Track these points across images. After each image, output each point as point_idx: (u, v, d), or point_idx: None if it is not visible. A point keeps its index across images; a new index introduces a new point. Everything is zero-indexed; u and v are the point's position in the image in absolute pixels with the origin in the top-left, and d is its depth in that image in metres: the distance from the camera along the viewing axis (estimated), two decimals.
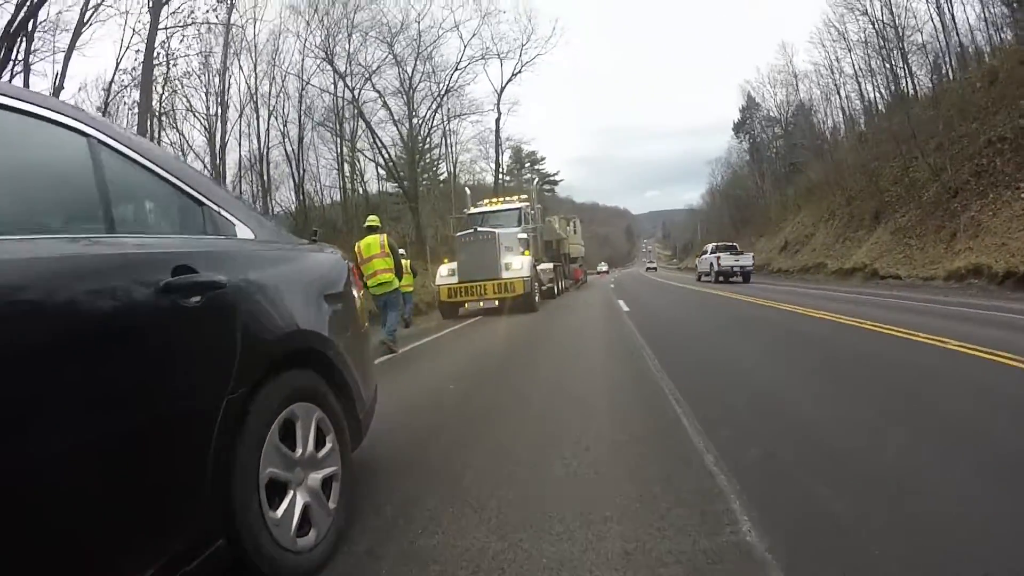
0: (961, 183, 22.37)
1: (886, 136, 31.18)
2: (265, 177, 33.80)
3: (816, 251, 33.09)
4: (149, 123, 24.91)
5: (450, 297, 17.00)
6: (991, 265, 16.81)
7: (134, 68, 25.53)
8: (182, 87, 29.75)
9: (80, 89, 32.69)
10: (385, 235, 10.87)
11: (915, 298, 14.02)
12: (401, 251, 12.59)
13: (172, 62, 27.81)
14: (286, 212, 35.80)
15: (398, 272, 10.73)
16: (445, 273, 17.32)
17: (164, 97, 28.71)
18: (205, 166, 31.28)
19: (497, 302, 16.97)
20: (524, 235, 19.22)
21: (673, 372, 6.50)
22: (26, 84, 20.64)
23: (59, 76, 22.40)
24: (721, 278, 28.72)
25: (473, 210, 21.46)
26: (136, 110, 24.97)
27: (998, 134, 22.15)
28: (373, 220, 11.03)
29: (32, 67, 21.52)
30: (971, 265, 17.62)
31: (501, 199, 23.42)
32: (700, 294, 21.72)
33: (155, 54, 25.11)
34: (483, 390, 6.54)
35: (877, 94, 38.90)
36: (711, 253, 31.45)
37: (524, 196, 22.78)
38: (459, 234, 17.87)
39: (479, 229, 17.24)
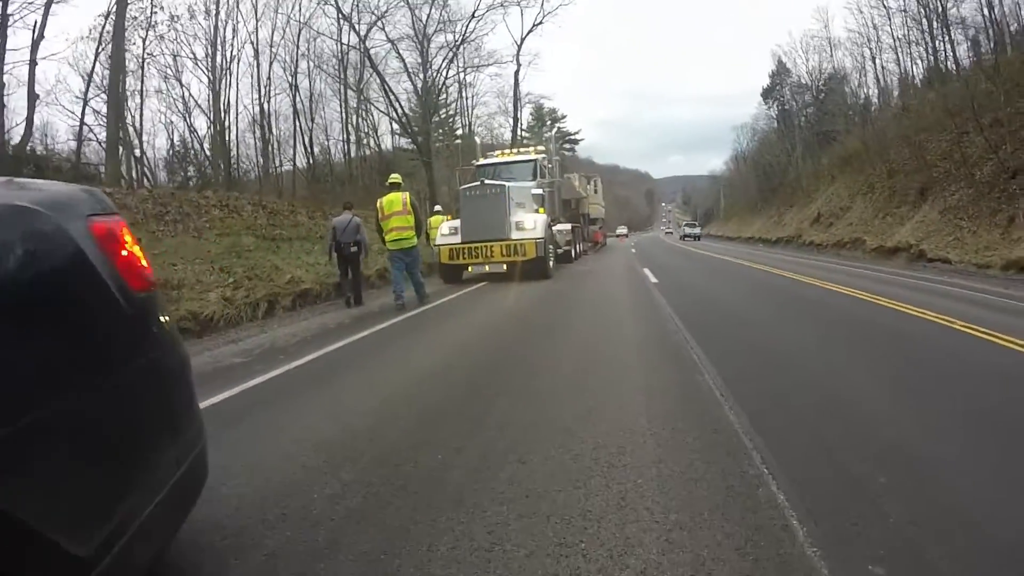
0: (1021, 164, 20.49)
1: (932, 107, 29.77)
2: (266, 132, 32.07)
3: (853, 225, 30.89)
4: (122, 75, 22.77)
5: (451, 259, 15.01)
6: None
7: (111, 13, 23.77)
8: (174, 32, 28.06)
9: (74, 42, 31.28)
10: (407, 193, 11.32)
11: (977, 288, 11.94)
12: None
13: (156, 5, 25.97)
14: (299, 171, 34.62)
15: (418, 230, 11.25)
16: (446, 231, 15.29)
17: (149, 42, 26.96)
18: (212, 122, 29.82)
19: (505, 266, 14.88)
20: (539, 191, 17.12)
21: (743, 396, 4.53)
22: (3, 37, 18.77)
23: (39, 26, 20.59)
24: (685, 238, 45.72)
25: (482, 161, 19.31)
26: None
27: None
28: (395, 178, 11.60)
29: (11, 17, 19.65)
30: None
31: (514, 150, 21.13)
32: (734, 265, 19.70)
33: None
34: (448, 422, 4.58)
35: (914, 66, 38.71)
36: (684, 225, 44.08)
37: (540, 147, 20.54)
38: (463, 187, 15.86)
39: (486, 182, 15.20)
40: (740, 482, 3.00)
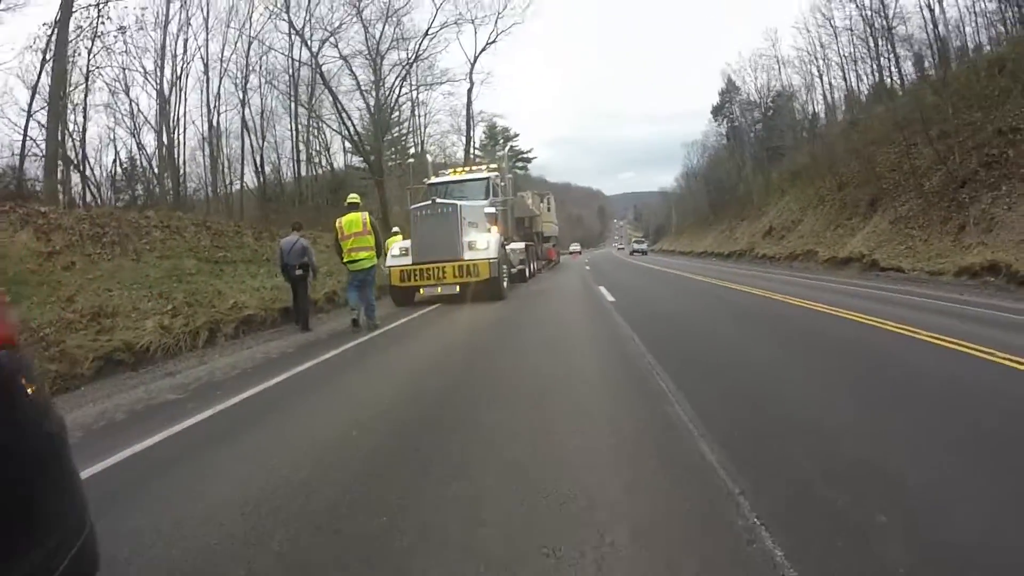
0: (969, 173, 21.05)
1: (880, 121, 30.54)
2: (215, 149, 31.39)
3: (804, 238, 31.53)
4: (63, 88, 21.87)
5: (403, 281, 14.58)
6: (1011, 263, 15.10)
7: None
8: (123, 44, 27.21)
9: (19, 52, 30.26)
10: (367, 213, 11.33)
11: (932, 295, 12.15)
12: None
13: (102, 15, 25.13)
14: (248, 190, 34.01)
15: (378, 251, 11.28)
16: (397, 252, 14.87)
17: (95, 54, 26.09)
18: (160, 139, 29.02)
19: (458, 288, 14.50)
20: (492, 209, 16.73)
21: (714, 421, 4.30)
22: None
23: None
24: (634, 253, 62.25)
25: (434, 179, 18.88)
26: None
27: (1010, 124, 20.78)
28: (354, 198, 11.70)
29: None
30: (986, 262, 15.99)
31: (467, 168, 20.76)
32: (690, 280, 19.62)
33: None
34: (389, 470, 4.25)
35: (860, 83, 40.18)
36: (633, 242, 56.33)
37: (493, 165, 20.24)
38: (414, 206, 15.39)
39: (438, 200, 14.74)
40: (731, 539, 2.72)
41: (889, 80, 36.62)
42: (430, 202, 14.70)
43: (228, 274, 13.98)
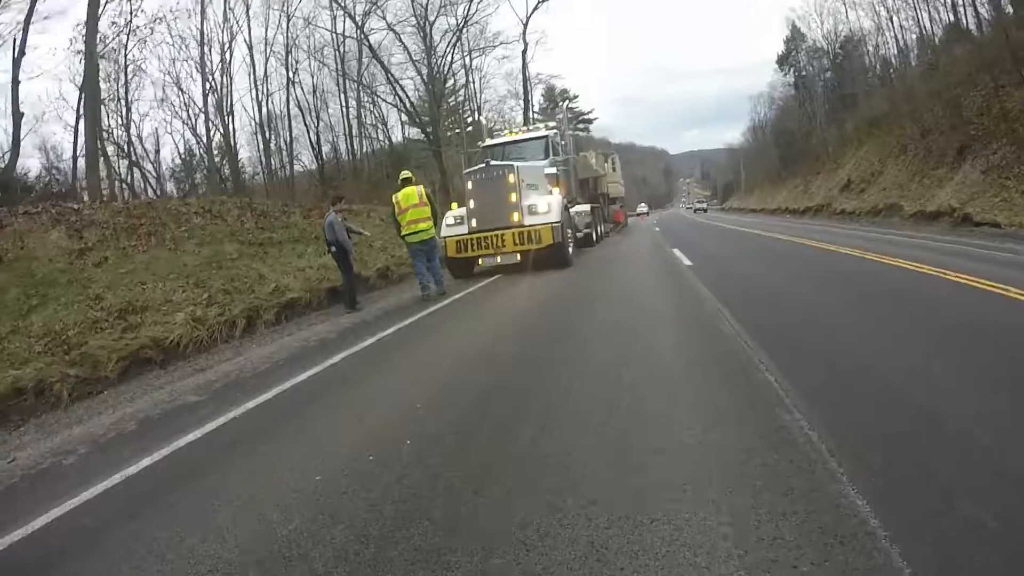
0: None
1: (963, 63, 27.81)
2: (267, 131, 30.91)
3: (887, 191, 29.02)
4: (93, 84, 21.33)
5: (459, 252, 13.35)
6: None
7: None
8: (161, 35, 26.84)
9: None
10: (422, 186, 11.59)
11: None
12: None
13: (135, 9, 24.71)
14: (308, 171, 33.78)
15: (435, 221, 11.40)
16: (451, 221, 13.65)
17: (131, 48, 25.69)
18: (214, 126, 28.72)
19: (519, 256, 13.13)
20: (553, 169, 15.33)
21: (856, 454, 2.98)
22: None
23: (19, 43, 19.85)
24: (696, 211, 76.85)
25: (489, 142, 17.49)
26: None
27: None
28: (406, 173, 11.85)
29: None
30: None
31: (524, 128, 19.24)
32: (772, 240, 17.70)
33: None
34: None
35: (933, 25, 36.81)
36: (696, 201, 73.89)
37: (551, 124, 18.66)
38: (468, 170, 14.09)
39: (492, 163, 13.42)
40: None
41: (965, 20, 33.51)
42: (484, 165, 13.39)
43: (272, 256, 13.01)
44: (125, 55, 25.79)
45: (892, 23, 40.51)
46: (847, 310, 6.80)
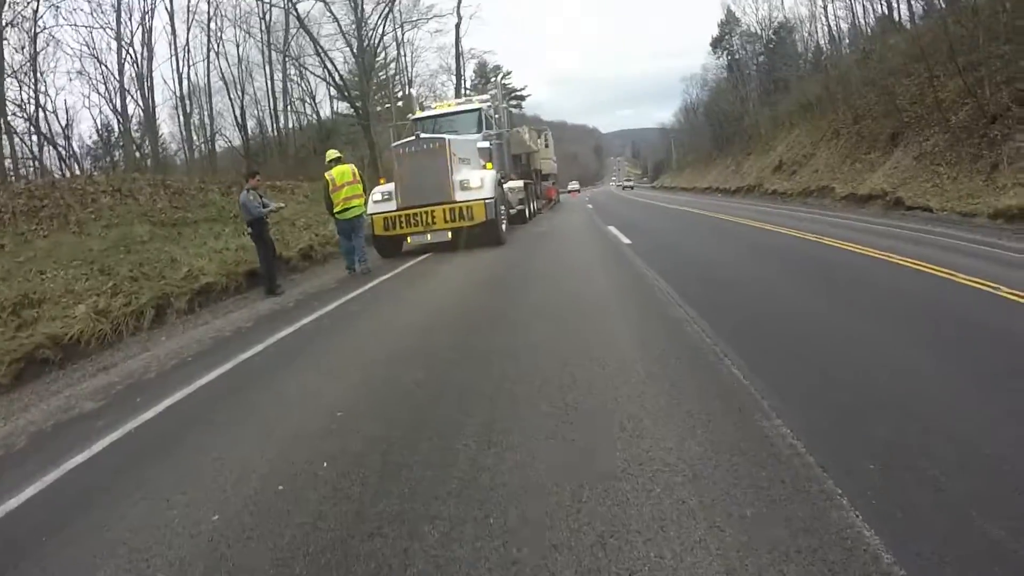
0: (1001, 109, 19.01)
1: (897, 52, 28.36)
2: (187, 105, 29.48)
3: (819, 173, 29.48)
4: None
5: (387, 229, 12.64)
6: None
7: None
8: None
9: None
10: (353, 165, 11.71)
11: (974, 239, 10.00)
12: None
13: None
14: (233, 148, 32.45)
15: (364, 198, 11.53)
16: (379, 198, 12.88)
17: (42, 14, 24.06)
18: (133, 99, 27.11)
19: (450, 234, 12.62)
20: (486, 143, 14.78)
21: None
22: None
23: None
24: (624, 188, 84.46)
25: (420, 114, 16.77)
26: None
27: None
28: (334, 153, 11.78)
29: None
30: None
31: (456, 101, 18.57)
32: (708, 219, 17.53)
33: None
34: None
35: (866, 15, 38.47)
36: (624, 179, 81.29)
37: (484, 96, 18.02)
38: (396, 143, 13.35)
39: (422, 136, 12.79)
40: None
41: (898, 12, 34.91)
42: (414, 137, 12.75)
43: (187, 237, 12.16)
44: (34, 22, 23.88)
45: (827, 12, 42.44)
46: (782, 282, 6.81)
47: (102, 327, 7.75)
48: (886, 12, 36.03)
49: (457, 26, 38.65)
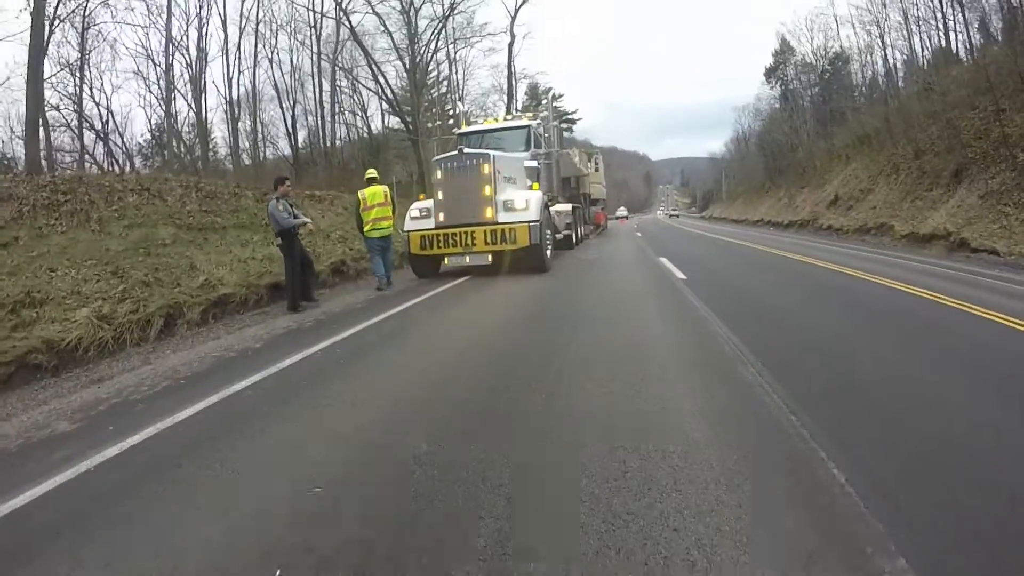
0: None
1: (959, 84, 27.19)
2: (235, 110, 29.41)
3: (877, 209, 28.06)
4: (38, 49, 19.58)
5: (423, 248, 11.84)
6: None
7: None
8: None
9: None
10: (387, 187, 11.60)
11: None
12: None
13: None
14: (282, 157, 32.51)
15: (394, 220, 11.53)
16: (416, 214, 12.11)
17: (91, 11, 23.99)
18: (189, 104, 27.12)
19: (491, 257, 11.68)
20: (533, 162, 13.85)
21: None
22: None
23: None
24: (671, 216, 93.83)
25: (465, 128, 15.98)
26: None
27: None
28: (372, 173, 11.80)
29: None
30: None
31: (504, 118, 17.71)
32: (770, 256, 16.13)
33: None
34: None
35: (924, 48, 37.20)
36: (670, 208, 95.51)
37: (534, 114, 17.13)
38: (438, 158, 12.50)
39: (466, 151, 11.93)
40: None
41: (955, 46, 34.07)
42: (456, 152, 11.96)
43: (212, 243, 11.51)
44: (84, 17, 23.85)
45: (883, 42, 40.46)
46: (859, 332, 5.84)
47: (103, 334, 7.13)
48: (943, 44, 35.35)
49: (510, 45, 38.50)
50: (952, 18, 33.87)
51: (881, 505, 2.55)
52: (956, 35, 34.02)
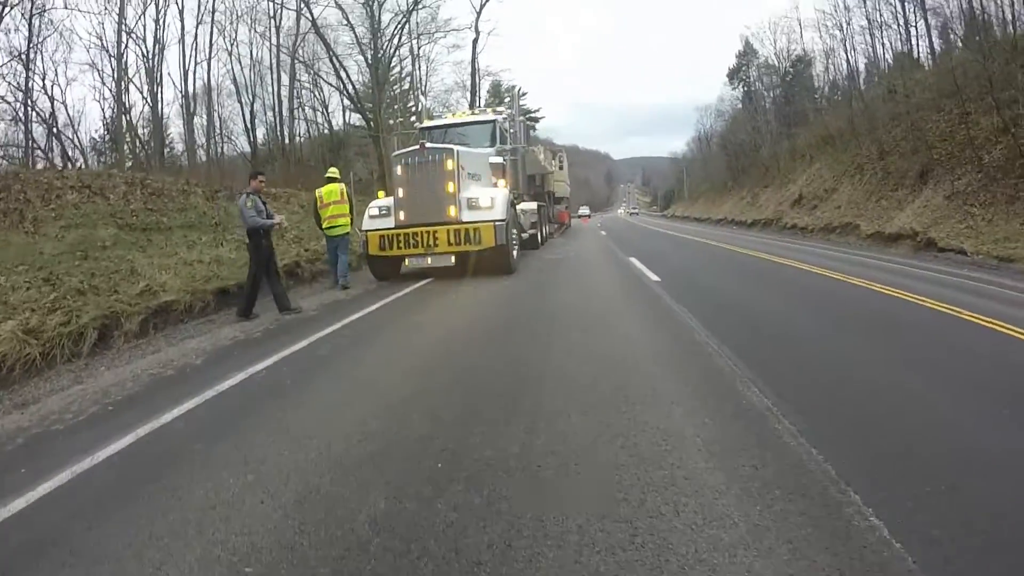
0: None
1: (924, 87, 27.97)
2: (191, 104, 28.55)
3: (842, 209, 28.38)
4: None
5: (382, 249, 11.19)
6: None
7: None
8: None
9: None
10: (343, 184, 11.59)
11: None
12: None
13: None
14: (240, 154, 31.60)
15: (351, 218, 11.51)
16: (375, 212, 11.48)
17: None
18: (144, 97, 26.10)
19: (454, 258, 11.12)
20: (499, 159, 13.31)
21: None
22: None
23: None
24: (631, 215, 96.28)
25: (427, 123, 15.37)
26: None
27: None
28: (333, 172, 11.86)
29: None
30: None
31: (468, 113, 17.10)
32: (738, 255, 15.87)
33: None
34: None
35: (885, 51, 38.39)
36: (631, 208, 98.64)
37: (500, 108, 16.56)
38: (397, 153, 11.84)
39: (428, 145, 11.33)
40: None
41: (917, 50, 35.23)
42: (417, 147, 11.34)
43: (157, 244, 10.74)
44: (33, 2, 22.62)
45: (845, 46, 41.47)
46: (839, 335, 5.61)
47: (30, 350, 6.39)
48: (905, 50, 36.33)
49: (474, 42, 38.03)
50: (914, 24, 34.90)
51: None
52: (917, 40, 35.06)
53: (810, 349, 5.59)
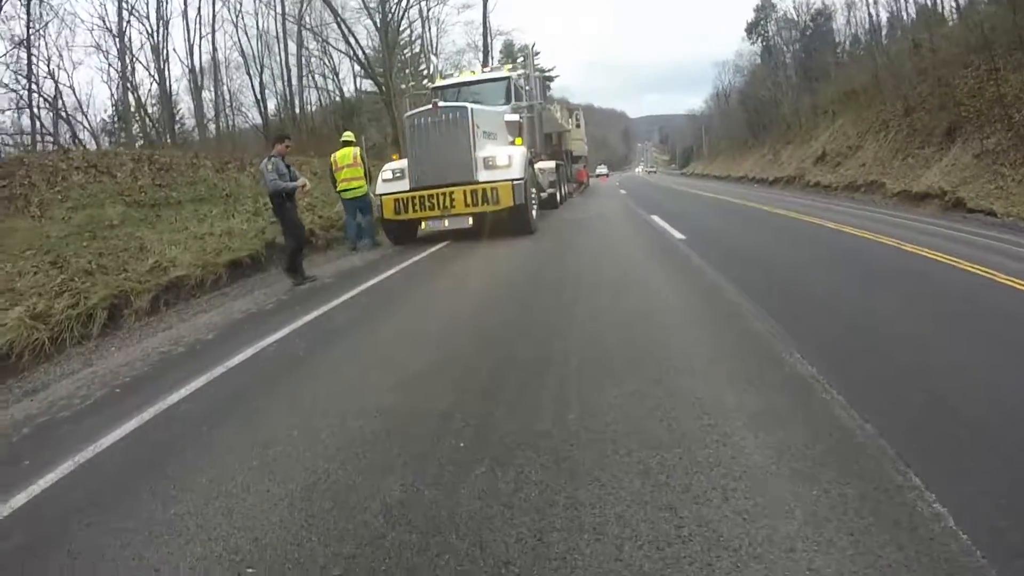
0: None
1: (950, 42, 26.54)
2: (199, 78, 28.19)
3: (867, 167, 27.34)
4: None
5: (398, 213, 10.88)
6: None
7: None
8: None
9: None
10: (358, 148, 11.76)
11: None
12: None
13: None
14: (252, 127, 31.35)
15: (368, 180, 11.57)
16: (389, 176, 11.13)
17: None
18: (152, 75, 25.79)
19: (471, 219, 10.80)
20: (515, 116, 12.75)
21: None
22: None
23: None
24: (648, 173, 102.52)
25: (440, 82, 14.92)
26: None
27: None
28: (348, 136, 12.14)
29: None
30: None
31: (482, 71, 16.57)
32: (769, 215, 15.03)
33: None
34: None
35: (907, 3, 37.20)
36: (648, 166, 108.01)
37: (513, 66, 16.03)
38: (410, 113, 11.49)
39: (442, 104, 10.93)
40: None
41: (941, 4, 33.27)
42: (430, 105, 10.94)
43: (166, 220, 10.47)
44: None
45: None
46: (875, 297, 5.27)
47: (39, 335, 6.17)
48: (929, 3, 34.67)
49: (485, 1, 37.06)
50: None
51: None
52: None
53: (852, 312, 5.19)
